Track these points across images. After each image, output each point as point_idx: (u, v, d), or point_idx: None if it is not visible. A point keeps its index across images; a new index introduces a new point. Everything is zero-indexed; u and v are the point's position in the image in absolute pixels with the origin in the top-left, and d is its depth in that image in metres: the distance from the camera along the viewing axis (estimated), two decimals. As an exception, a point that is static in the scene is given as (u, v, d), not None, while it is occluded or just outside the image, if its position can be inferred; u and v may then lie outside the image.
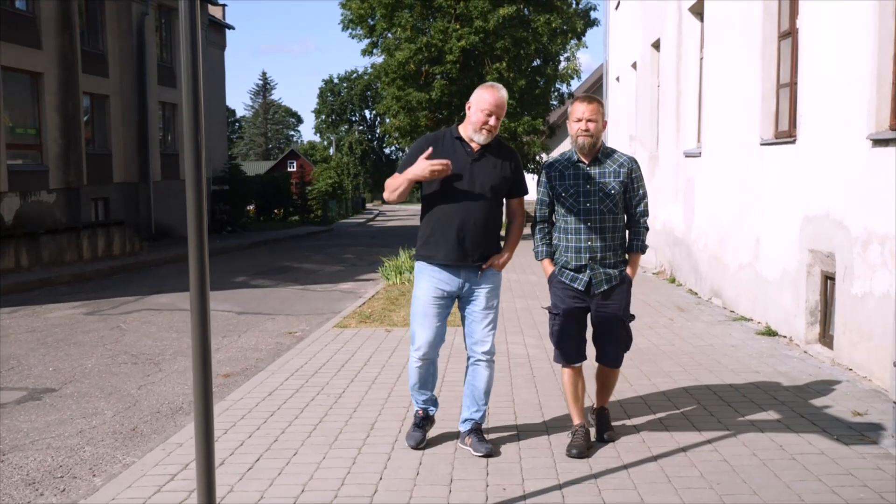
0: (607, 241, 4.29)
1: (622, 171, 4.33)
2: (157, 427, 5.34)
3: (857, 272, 5.85)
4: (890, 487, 3.71)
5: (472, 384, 4.39)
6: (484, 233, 4.22)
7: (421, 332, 4.28)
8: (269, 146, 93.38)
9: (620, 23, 18.82)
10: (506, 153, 4.34)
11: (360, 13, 23.89)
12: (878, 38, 5.58)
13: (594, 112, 4.26)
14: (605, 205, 4.27)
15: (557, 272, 4.39)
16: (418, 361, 4.33)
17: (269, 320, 9.71)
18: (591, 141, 4.27)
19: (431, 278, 4.25)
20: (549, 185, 4.41)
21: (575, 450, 4.26)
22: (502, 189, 4.28)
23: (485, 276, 4.28)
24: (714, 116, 9.92)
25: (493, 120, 4.16)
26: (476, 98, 4.22)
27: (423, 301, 4.26)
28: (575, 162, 4.35)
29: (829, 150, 6.37)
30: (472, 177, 4.18)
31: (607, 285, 4.31)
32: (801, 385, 5.63)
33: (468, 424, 4.40)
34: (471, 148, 4.22)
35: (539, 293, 10.86)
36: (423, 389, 4.43)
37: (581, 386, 4.50)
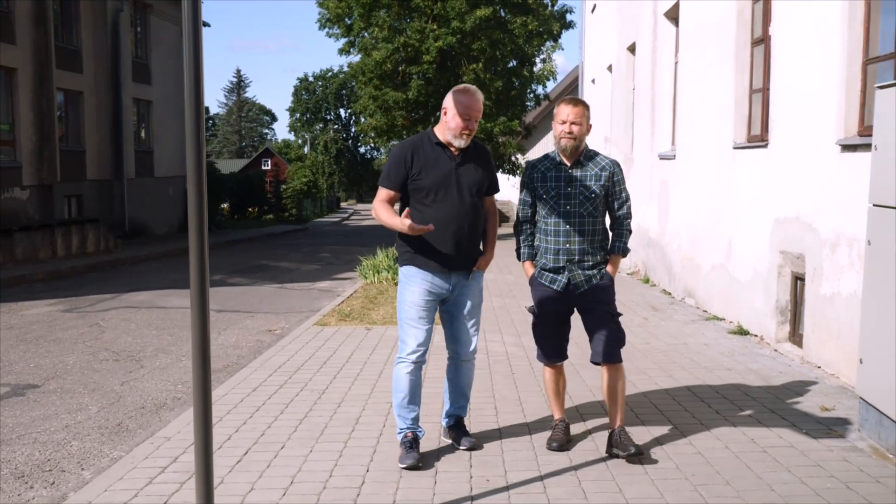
0: (585, 245, 4.28)
1: (604, 174, 4.33)
2: (143, 422, 5.39)
3: (825, 273, 6.06)
4: (855, 478, 3.89)
5: (455, 381, 4.41)
6: (474, 236, 4.25)
7: (414, 335, 4.21)
8: (243, 144, 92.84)
9: (596, 26, 19.06)
10: (480, 153, 4.34)
11: (338, 12, 23.91)
12: (847, 46, 5.79)
13: (579, 115, 4.26)
14: (585, 208, 4.27)
15: (537, 273, 4.41)
16: (410, 366, 4.22)
17: (249, 318, 9.75)
18: (574, 144, 4.27)
19: (424, 283, 4.20)
20: (531, 187, 4.41)
21: (555, 443, 4.35)
22: (483, 189, 4.29)
23: (474, 277, 4.30)
24: (688, 120, 10.13)
25: (472, 124, 4.14)
26: (454, 103, 4.14)
27: (416, 306, 4.20)
28: (557, 163, 4.36)
29: (799, 154, 6.58)
30: (458, 182, 4.16)
31: (587, 285, 4.30)
32: (772, 382, 5.82)
33: (452, 420, 4.45)
34: (451, 153, 4.20)
35: (516, 292, 11.02)
36: (411, 404, 4.26)
37: (562, 383, 4.55)
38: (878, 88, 4.41)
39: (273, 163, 67.85)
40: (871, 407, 4.38)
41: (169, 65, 27.19)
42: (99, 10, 22.51)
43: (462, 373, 4.41)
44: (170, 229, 27.33)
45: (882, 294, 4.26)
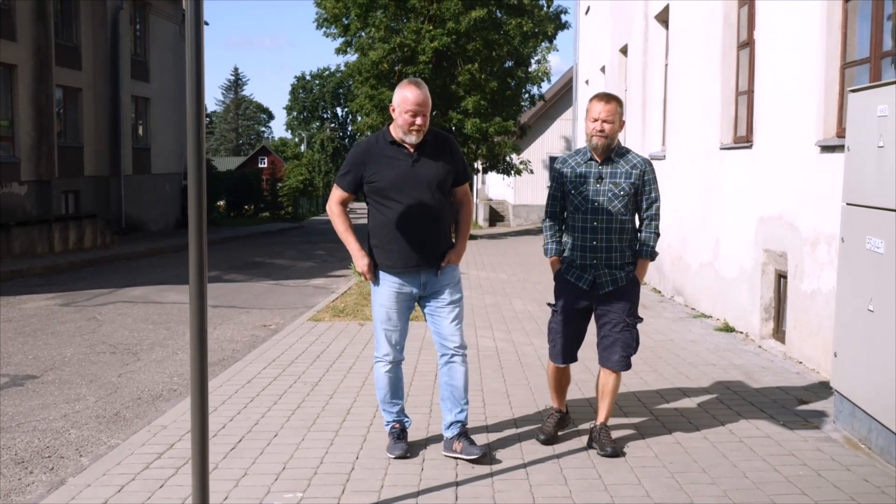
0: (614, 243, 4.19)
1: (634, 172, 4.23)
2: (139, 412, 5.53)
3: (806, 270, 6.22)
4: (827, 466, 4.05)
5: (450, 384, 4.27)
6: (438, 232, 4.15)
7: (386, 336, 4.21)
8: (239, 142, 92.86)
9: (590, 27, 19.23)
10: (442, 144, 4.21)
11: (335, 12, 24.02)
12: (826, 50, 5.95)
13: (611, 112, 4.15)
14: (615, 206, 4.18)
15: (564, 269, 4.34)
16: (387, 366, 4.25)
17: (244, 314, 9.89)
18: (606, 142, 4.18)
19: (392, 284, 4.17)
20: (559, 182, 4.34)
21: (543, 435, 4.37)
22: (447, 182, 4.18)
23: (444, 272, 4.20)
24: (678, 121, 10.29)
25: (420, 119, 4.02)
26: (398, 100, 4.06)
27: (386, 307, 4.18)
28: (588, 160, 4.27)
29: (782, 155, 6.74)
30: (416, 179, 4.07)
31: (612, 287, 4.21)
32: (754, 377, 5.98)
33: (455, 428, 4.23)
34: (407, 150, 4.11)
35: (508, 290, 11.17)
36: (394, 399, 4.30)
37: (565, 380, 4.51)
38: (851, 92, 4.57)
39: (270, 161, 67.87)
40: (845, 399, 4.53)
41: (167, 62, 27.31)
42: (99, 8, 22.63)
43: (454, 373, 4.25)
44: (166, 225, 27.45)
45: (854, 290, 4.42)
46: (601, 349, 4.31)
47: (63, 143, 21.09)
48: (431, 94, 4.19)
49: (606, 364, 4.28)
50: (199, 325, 3.02)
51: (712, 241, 8.69)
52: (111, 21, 23.21)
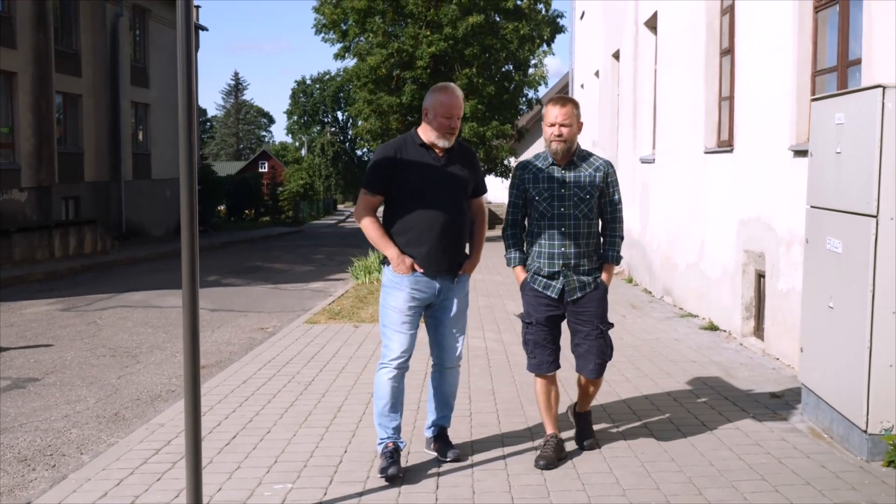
0: (581, 248, 4.14)
1: (598, 175, 4.18)
2: (139, 412, 5.75)
3: (782, 270, 6.43)
4: (789, 454, 4.26)
5: (441, 390, 4.29)
6: (461, 238, 4.14)
7: (397, 341, 4.10)
8: (240, 146, 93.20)
9: (585, 32, 19.47)
10: (466, 153, 4.25)
11: (333, 18, 24.31)
12: (797, 58, 6.17)
13: (567, 115, 4.09)
14: (580, 210, 4.14)
15: (530, 279, 4.26)
16: (393, 371, 4.11)
17: (242, 317, 10.11)
18: (565, 146, 4.12)
19: (408, 287, 4.08)
20: (521, 188, 4.25)
21: (542, 461, 4.12)
22: (469, 191, 4.20)
23: (459, 281, 4.18)
24: (666, 125, 10.51)
25: (455, 122, 4.05)
26: (434, 103, 4.05)
27: (400, 311, 4.09)
28: (550, 164, 4.20)
29: (759, 158, 6.96)
30: (443, 183, 4.07)
31: (581, 293, 4.17)
32: (732, 373, 6.19)
33: (435, 430, 4.33)
34: (436, 154, 4.10)
35: (502, 292, 11.38)
36: (393, 412, 4.15)
37: (554, 395, 4.34)
38: (814, 101, 4.79)
39: (270, 165, 68.22)
40: (811, 392, 4.75)
41: (167, 68, 27.55)
42: (98, 15, 22.89)
43: (447, 380, 4.29)
44: (166, 231, 27.68)
45: (817, 288, 4.64)
46: (577, 357, 4.28)
47: (63, 149, 21.33)
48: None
49: (582, 372, 4.27)
50: (191, 320, 3.24)
51: (698, 243, 8.91)
52: (111, 27, 23.47)
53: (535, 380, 4.36)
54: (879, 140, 3.93)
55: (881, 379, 4.01)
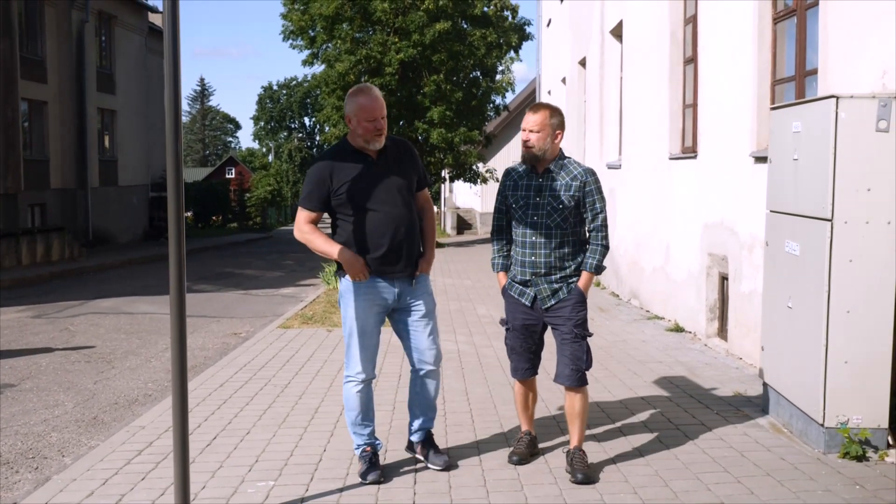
0: (553, 258, 4.08)
1: (574, 183, 4.08)
2: (117, 416, 5.81)
3: (744, 273, 6.67)
4: (751, 448, 4.47)
5: (421, 395, 4.22)
6: (411, 238, 4.06)
7: (360, 352, 4.06)
8: (206, 152, 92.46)
9: (552, 39, 19.73)
10: (401, 148, 4.16)
11: (301, 25, 24.34)
12: (758, 68, 6.42)
13: (538, 122, 4.04)
14: (553, 219, 4.05)
15: (508, 285, 4.27)
16: (359, 385, 4.08)
17: (214, 322, 10.15)
18: (533, 153, 4.06)
19: (366, 295, 4.03)
20: (503, 195, 4.24)
21: (516, 456, 4.23)
22: (412, 187, 4.13)
23: (418, 282, 4.13)
24: (632, 132, 10.77)
25: (380, 122, 3.95)
26: (355, 109, 3.96)
27: (361, 320, 4.03)
28: (528, 172, 4.17)
29: (722, 165, 7.20)
30: (384, 186, 3.99)
31: (553, 300, 4.11)
32: (696, 372, 6.41)
33: (421, 434, 4.26)
34: (370, 157, 4.03)
35: (472, 296, 11.54)
36: (365, 420, 4.15)
37: (531, 398, 4.38)
38: (772, 109, 5.02)
39: (237, 171, 67.74)
40: (772, 389, 4.97)
41: (133, 74, 27.40)
42: (63, 21, 22.72)
43: (428, 385, 4.21)
44: (133, 237, 27.49)
45: (776, 289, 4.86)
46: (556, 365, 4.20)
47: (28, 156, 21.12)
48: (397, 104, 4.37)
49: (559, 380, 4.18)
50: (178, 321, 3.35)
51: (664, 247, 9.15)
52: (76, 34, 23.29)
53: (514, 382, 4.40)
54: (833, 147, 4.15)
55: (837, 375, 4.23)
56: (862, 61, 4.79)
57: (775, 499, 3.75)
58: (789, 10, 6.16)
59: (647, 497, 3.81)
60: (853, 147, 4.13)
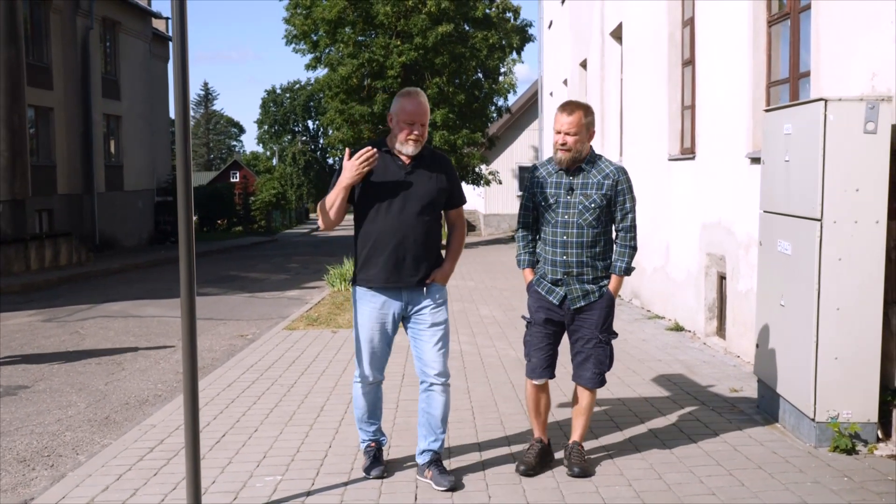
0: (585, 257, 4.01)
1: (606, 182, 4.02)
2: (129, 416, 5.95)
3: (741, 272, 6.79)
4: (744, 442, 4.59)
5: (427, 412, 4.12)
6: (424, 249, 3.99)
7: (367, 357, 4.10)
8: (210, 157, 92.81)
9: (553, 41, 19.88)
10: (439, 162, 4.10)
11: (304, 29, 24.53)
12: (753, 70, 6.55)
13: (574, 124, 3.96)
14: (585, 218, 3.99)
15: (535, 282, 4.18)
16: (367, 387, 4.16)
17: (221, 325, 10.29)
18: (570, 156, 3.99)
19: (373, 303, 4.03)
20: (530, 192, 4.18)
21: (523, 466, 4.13)
22: (440, 201, 4.05)
23: (429, 292, 4.05)
24: (633, 133, 10.89)
25: (419, 128, 3.93)
26: (396, 109, 3.98)
27: (367, 328, 4.05)
28: (558, 169, 4.09)
29: (719, 165, 7.33)
30: (407, 191, 3.96)
31: (584, 301, 4.05)
32: (694, 370, 6.53)
33: (427, 456, 4.13)
34: (402, 161, 4.00)
35: (476, 297, 11.67)
36: (371, 418, 4.23)
37: (544, 402, 4.26)
38: (766, 111, 5.14)
39: (241, 175, 68.11)
40: (766, 385, 5.09)
41: (138, 80, 27.62)
42: (69, 28, 22.93)
43: (433, 402, 4.10)
44: (139, 241, 27.70)
45: (770, 288, 4.98)
46: (574, 365, 4.17)
47: (35, 162, 21.32)
48: None
49: (579, 381, 4.13)
50: (189, 321, 3.49)
51: (664, 247, 9.27)
52: (81, 40, 23.51)
53: (526, 383, 4.26)
54: (822, 149, 4.27)
55: (827, 371, 4.35)
56: (852, 64, 4.91)
57: (765, 490, 3.88)
58: (783, 13, 6.28)
59: (641, 489, 3.93)
60: (841, 148, 4.25)
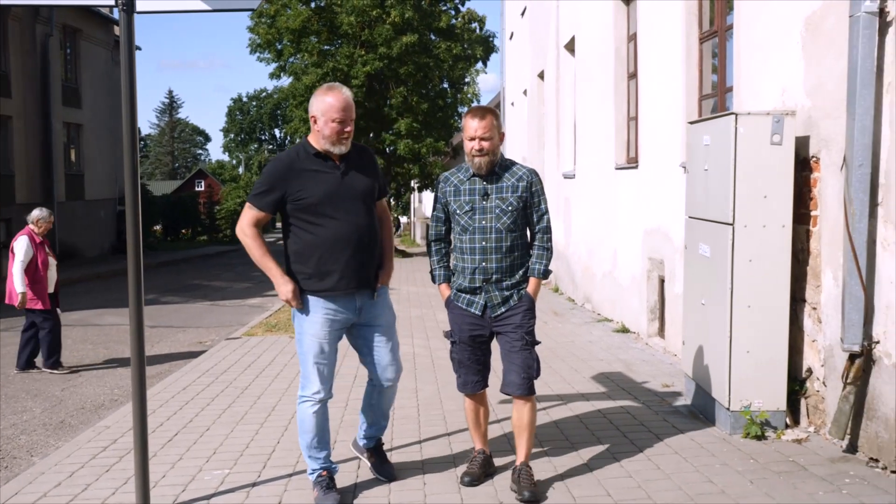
0: (504, 262, 3.95)
1: (521, 185, 3.99)
2: (84, 419, 6.12)
3: (677, 275, 7.13)
4: (668, 432, 4.91)
5: (377, 405, 4.10)
6: (373, 247, 3.90)
7: (318, 372, 3.87)
8: (175, 165, 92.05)
9: (514, 52, 20.26)
10: (363, 155, 3.97)
11: (268, 38, 24.66)
12: (686, 84, 6.90)
13: (487, 128, 3.90)
14: (503, 222, 3.94)
15: (453, 296, 4.08)
16: (316, 405, 3.89)
17: (180, 332, 10.44)
18: (488, 160, 3.93)
19: (326, 313, 3.83)
20: (443, 202, 4.09)
21: (468, 477, 4.07)
22: (373, 195, 3.95)
23: (379, 295, 3.97)
24: (584, 143, 11.24)
25: (349, 126, 3.77)
26: (321, 107, 3.75)
27: (318, 338, 3.84)
28: (471, 176, 4.02)
29: (658, 174, 7.68)
30: (347, 193, 3.80)
31: (504, 307, 3.98)
32: (633, 368, 6.85)
33: (372, 441, 4.16)
34: (332, 161, 3.83)
35: (434, 303, 11.92)
36: (321, 444, 3.95)
37: (483, 413, 4.20)
38: (689, 124, 5.48)
39: (207, 184, 67.69)
40: (690, 379, 5.41)
41: (99, 88, 27.52)
42: (28, 35, 22.84)
43: (384, 397, 4.10)
44: (101, 251, 27.56)
45: (693, 288, 5.31)
46: (503, 374, 4.06)
47: (-5, 171, 21.23)
48: (364, 116, 4.31)
49: (508, 390, 4.01)
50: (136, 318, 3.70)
51: (612, 252, 9.61)
52: (41, 47, 23.42)
53: (463, 398, 4.22)
54: (734, 159, 4.61)
55: (740, 363, 4.68)
56: (766, 80, 5.27)
57: (677, 472, 4.20)
58: (712, 32, 6.64)
59: (564, 472, 4.22)
60: (751, 159, 4.59)
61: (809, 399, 4.80)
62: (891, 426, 4.03)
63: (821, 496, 3.84)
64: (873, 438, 4.18)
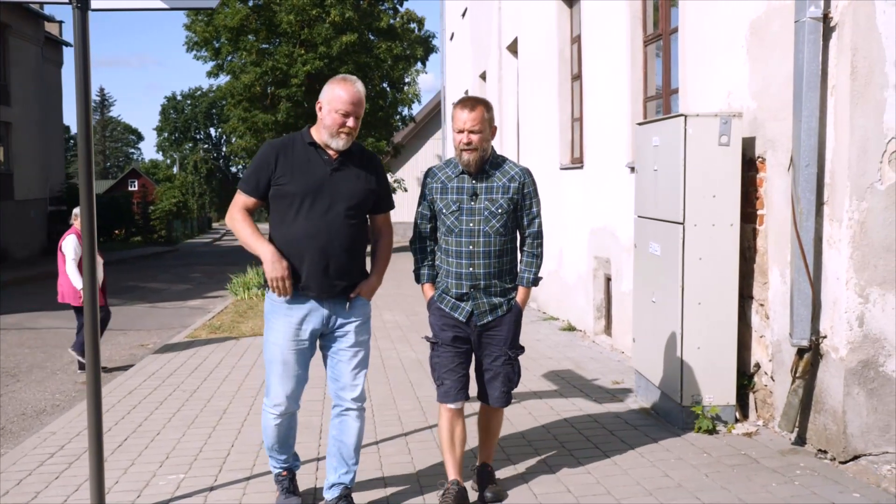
0: (492, 268, 3.70)
1: (513, 185, 3.71)
2: (25, 426, 5.93)
3: (624, 273, 7.27)
4: (620, 427, 5.01)
5: (340, 439, 3.70)
6: (350, 255, 3.59)
7: (280, 384, 3.62)
8: (107, 164, 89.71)
9: (455, 53, 20.33)
10: (368, 161, 3.70)
11: (205, 36, 24.29)
12: (631, 86, 7.05)
13: (477, 120, 3.61)
14: (492, 225, 3.67)
15: (437, 298, 3.82)
16: (278, 418, 3.68)
17: (121, 335, 10.19)
18: (477, 156, 3.65)
19: (289, 317, 3.58)
20: (429, 198, 3.81)
21: None
22: (367, 203, 3.66)
23: (353, 306, 3.64)
24: (529, 143, 11.36)
25: (352, 121, 3.51)
26: (329, 96, 3.54)
27: (280, 347, 3.58)
28: (460, 173, 3.74)
29: (604, 174, 7.81)
30: (332, 190, 3.54)
31: (491, 316, 3.75)
32: (582, 365, 6.96)
33: (336, 490, 3.69)
34: (328, 155, 3.58)
35: (380, 303, 11.86)
36: (282, 448, 3.81)
37: (459, 433, 3.83)
38: (637, 125, 5.60)
39: (140, 183, 66.03)
40: (641, 376, 5.53)
41: (29, 86, 26.64)
42: (-48, 31, 21.99)
43: (347, 429, 3.69)
44: (31, 252, 26.68)
45: (643, 286, 5.42)
46: (481, 383, 3.87)
47: (-82, 170, 20.38)
48: (303, 115, 4.13)
49: (486, 400, 3.87)
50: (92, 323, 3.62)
51: (558, 252, 9.73)
52: (-32, 44, 22.58)
53: (439, 412, 3.85)
54: (683, 160, 4.72)
55: (691, 359, 4.80)
56: (712, 82, 5.42)
57: (634, 467, 4.28)
58: (657, 34, 6.79)
59: (526, 471, 4.27)
60: (699, 159, 4.71)
61: (758, 393, 4.95)
62: (838, 418, 4.19)
63: (774, 487, 3.97)
64: (822, 431, 4.34)
